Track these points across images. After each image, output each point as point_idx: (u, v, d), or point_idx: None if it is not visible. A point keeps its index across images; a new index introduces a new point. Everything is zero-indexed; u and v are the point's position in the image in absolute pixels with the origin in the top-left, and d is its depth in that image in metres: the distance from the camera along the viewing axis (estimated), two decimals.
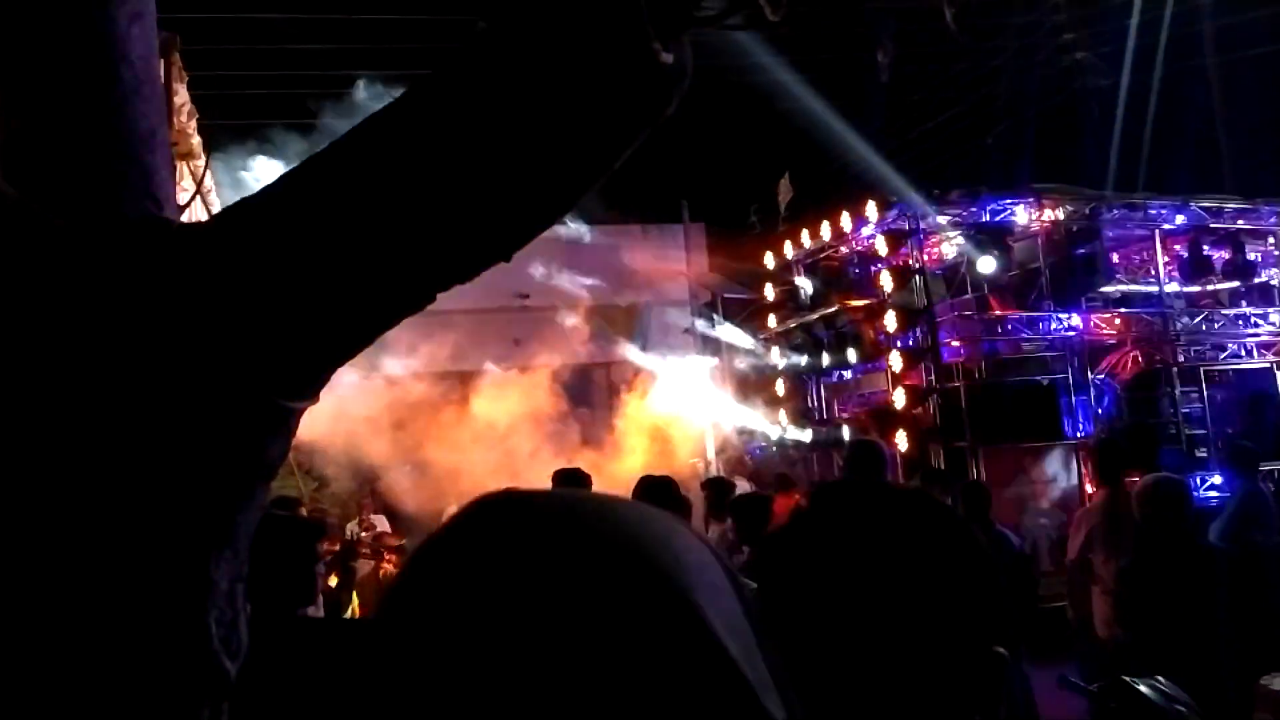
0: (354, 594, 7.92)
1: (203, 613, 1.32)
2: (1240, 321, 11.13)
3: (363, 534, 10.25)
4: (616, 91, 1.20)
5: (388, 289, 1.18)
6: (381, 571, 7.60)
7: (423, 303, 1.28)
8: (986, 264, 9.98)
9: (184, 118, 2.83)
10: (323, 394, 1.42)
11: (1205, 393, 10.44)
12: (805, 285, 11.91)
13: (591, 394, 15.07)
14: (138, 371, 1.21)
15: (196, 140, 3.02)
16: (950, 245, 11.00)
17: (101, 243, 1.27)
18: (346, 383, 11.60)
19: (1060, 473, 8.85)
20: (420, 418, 12.91)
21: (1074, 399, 9.86)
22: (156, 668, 1.28)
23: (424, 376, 12.68)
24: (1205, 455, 10.06)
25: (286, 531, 2.30)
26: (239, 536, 1.35)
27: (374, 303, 1.19)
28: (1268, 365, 10.79)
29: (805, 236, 11.52)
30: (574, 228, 12.49)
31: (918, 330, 10.02)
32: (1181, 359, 10.65)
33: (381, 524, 10.85)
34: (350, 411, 12.72)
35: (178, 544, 1.26)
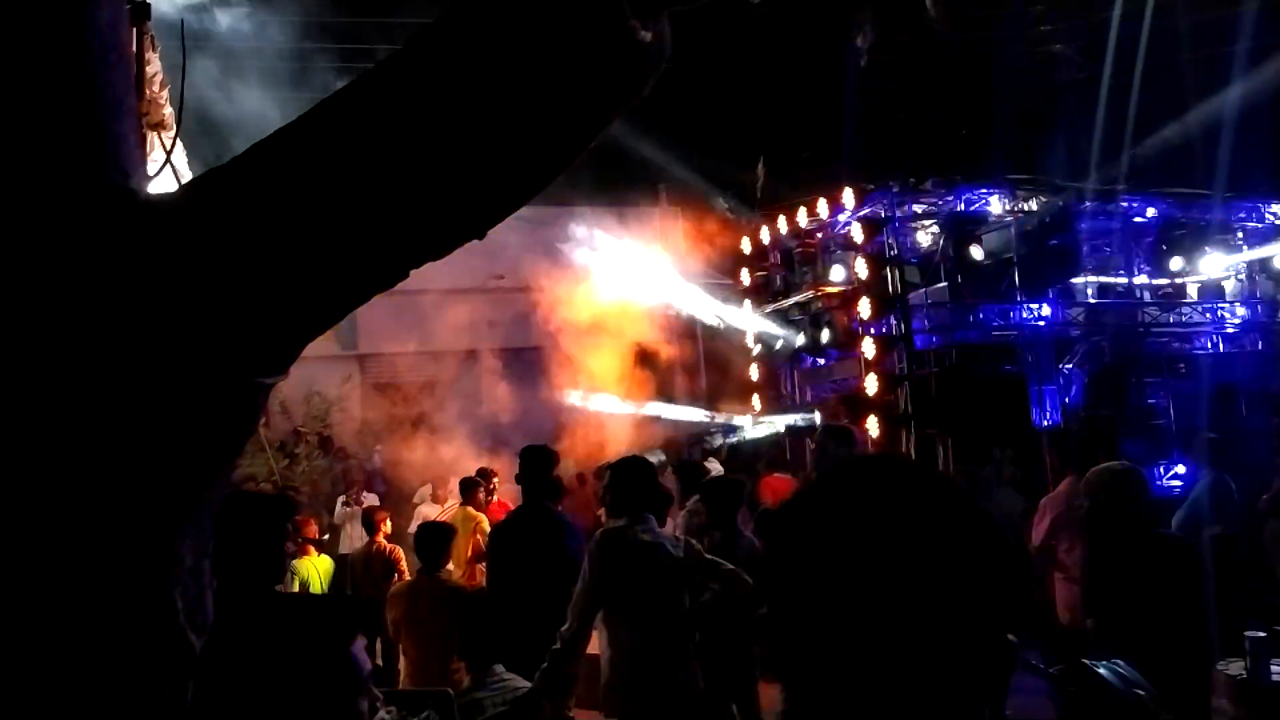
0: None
1: (168, 588, 1.30)
2: (1207, 314, 11.29)
3: (348, 508, 10.15)
4: (594, 69, 1.19)
5: (359, 263, 1.17)
6: (374, 547, 7.46)
7: (395, 278, 1.27)
8: (960, 253, 10.05)
9: (155, 87, 2.78)
10: (295, 371, 1.40)
11: (1171, 384, 10.59)
12: (781, 271, 11.94)
13: (566, 375, 15.05)
14: (99, 345, 1.19)
15: (169, 110, 2.97)
16: (925, 234, 11.06)
17: (63, 213, 1.24)
18: (320, 359, 11.53)
19: (1026, 460, 8.95)
20: (394, 396, 12.88)
21: (1042, 388, 9.97)
22: (122, 642, 1.27)
23: (398, 355, 12.64)
24: (1170, 445, 10.21)
25: (255, 508, 2.28)
26: (205, 512, 1.34)
27: (345, 277, 1.18)
28: (1232, 356, 10.97)
29: (782, 223, 11.54)
30: (550, 210, 12.42)
31: (891, 318, 10.08)
32: (1148, 350, 10.81)
33: (371, 500, 10.79)
34: (324, 390, 12.67)
35: (143, 519, 1.25)
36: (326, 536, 9.99)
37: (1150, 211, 11.01)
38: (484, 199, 1.28)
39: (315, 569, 7.34)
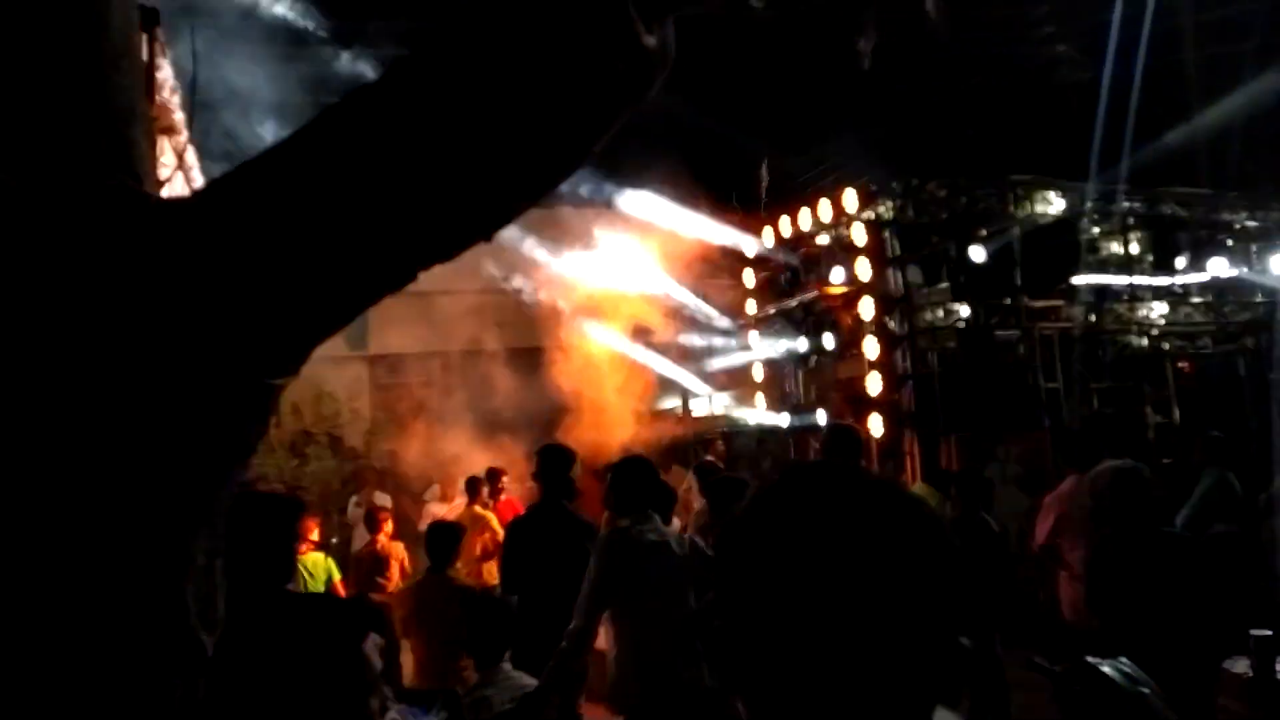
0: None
1: (180, 587, 1.32)
2: (1210, 312, 11.28)
3: (360, 509, 10.16)
4: (599, 72, 1.20)
5: (369, 266, 1.19)
6: (372, 546, 7.47)
7: (404, 280, 1.28)
8: (963, 253, 10.05)
9: (166, 92, 2.79)
10: (305, 371, 1.42)
11: (1174, 382, 10.59)
12: (784, 271, 11.96)
13: (575, 375, 15.07)
14: (114, 347, 1.20)
15: (179, 115, 2.99)
16: (928, 233, 11.05)
17: (75, 217, 1.26)
18: (330, 360, 11.55)
19: (1030, 459, 8.95)
20: (404, 397, 12.89)
21: (1046, 386, 9.97)
22: (134, 641, 1.28)
23: (408, 356, 12.64)
24: (1173, 443, 10.20)
25: (266, 508, 2.30)
26: (216, 512, 1.35)
27: (354, 279, 1.19)
28: (1234, 355, 10.95)
29: (785, 223, 11.55)
30: (555, 210, 12.44)
31: (894, 317, 10.09)
32: (1151, 348, 10.80)
33: (383, 500, 10.80)
34: (334, 390, 12.69)
35: (156, 519, 1.26)
36: (335, 539, 10.01)
37: (1152, 211, 11.00)
38: (492, 202, 1.30)
39: (303, 566, 7.36)
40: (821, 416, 10.54)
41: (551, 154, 1.27)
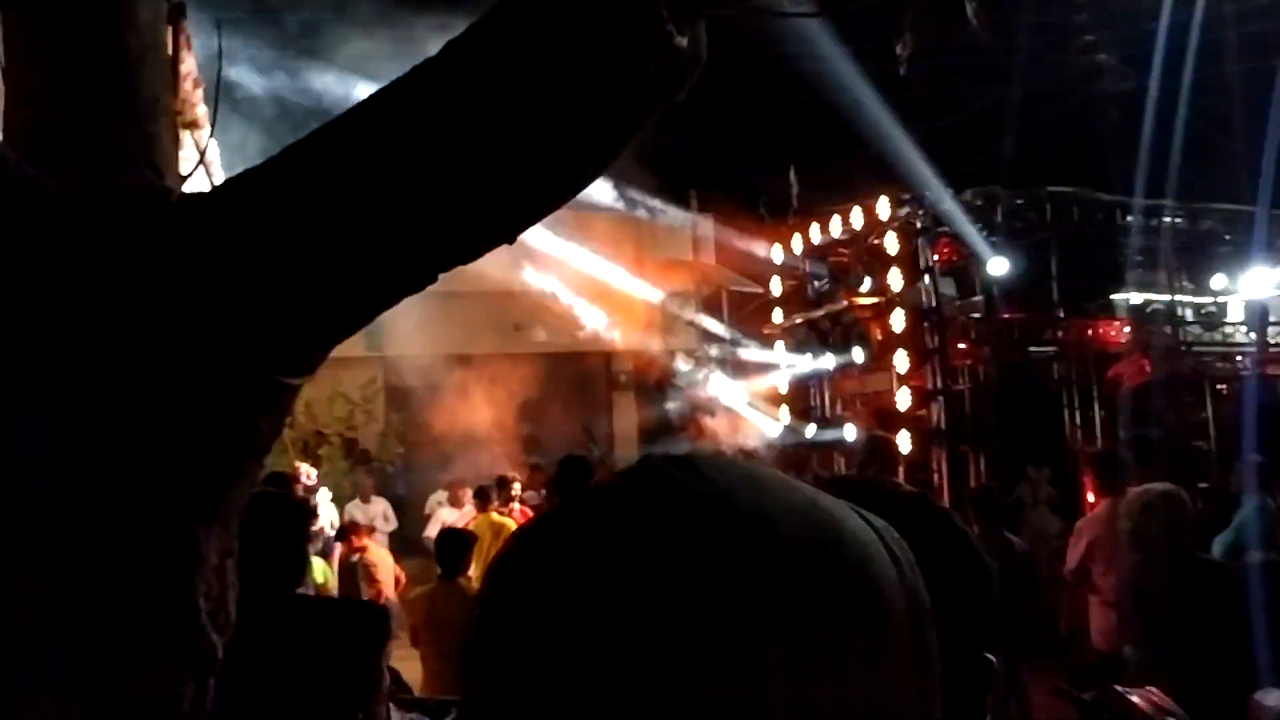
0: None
1: (192, 587, 1.30)
2: (1251, 333, 11.08)
3: (359, 514, 10.21)
4: (630, 72, 1.17)
5: (389, 266, 1.16)
6: (352, 557, 7.60)
7: (425, 282, 1.26)
8: (997, 266, 9.93)
9: (189, 86, 2.81)
10: (320, 372, 1.40)
11: (1212, 404, 10.40)
12: (813, 280, 11.88)
13: (590, 383, 15.07)
14: (131, 342, 1.18)
15: (202, 110, 3.00)
16: (962, 245, 10.94)
17: (98, 211, 1.24)
18: (345, 361, 11.59)
19: (1061, 480, 8.82)
20: (417, 400, 12.91)
21: (1079, 406, 9.82)
22: (145, 640, 1.26)
23: (423, 358, 12.63)
24: (1211, 468, 10.01)
25: (277, 510, 2.28)
26: (229, 512, 1.33)
27: (374, 280, 1.17)
28: (1277, 377, 10.74)
29: (815, 231, 11.47)
30: (581, 214, 12.46)
31: (925, 330, 9.98)
32: (1190, 369, 10.60)
33: (382, 504, 10.83)
34: (348, 391, 12.72)
35: (169, 517, 1.25)
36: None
37: (1193, 227, 10.82)
38: (519, 201, 1.27)
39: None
40: (849, 431, 10.44)
41: (581, 153, 1.25)
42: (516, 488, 8.89)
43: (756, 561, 0.49)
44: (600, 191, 12.47)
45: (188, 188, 1.47)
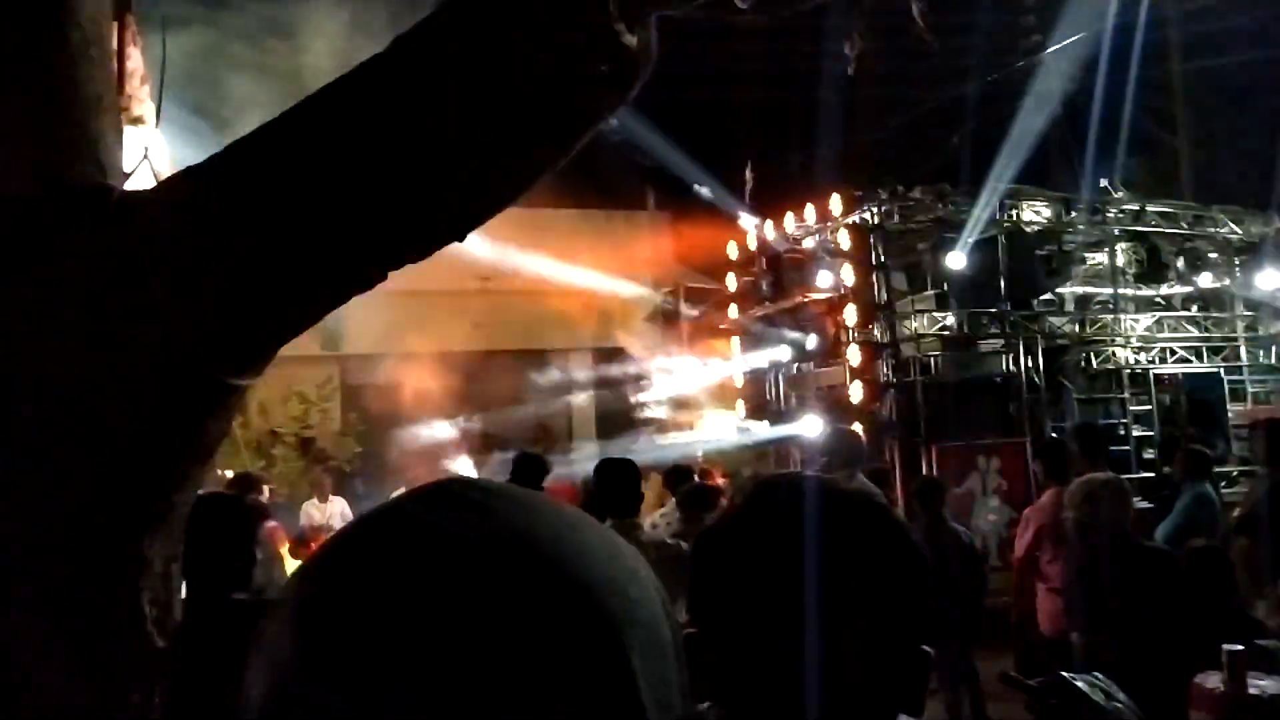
0: None
1: (137, 592, 1.28)
2: (1191, 325, 11.35)
3: (316, 514, 10.07)
4: (579, 70, 1.18)
5: (336, 265, 1.15)
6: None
7: (374, 280, 1.25)
8: (948, 261, 10.07)
9: (136, 82, 2.74)
10: (274, 371, 1.38)
11: (1154, 396, 10.64)
12: (768, 276, 11.95)
13: (550, 381, 15.02)
14: (71, 342, 1.16)
15: (149, 105, 2.94)
16: (913, 241, 11.09)
17: (38, 210, 1.22)
18: (301, 360, 11.43)
19: (1011, 471, 8.97)
20: (374, 398, 12.77)
21: (1027, 398, 10.00)
22: (89, 645, 1.24)
23: (380, 357, 12.50)
24: (1153, 457, 10.26)
25: (223, 513, 2.25)
26: (174, 516, 1.32)
27: (320, 279, 1.16)
28: (1216, 369, 11.02)
29: (769, 228, 11.55)
30: (538, 212, 12.40)
31: (877, 325, 10.09)
32: (1133, 361, 10.85)
33: (340, 503, 10.69)
34: (304, 390, 12.55)
35: (112, 521, 1.23)
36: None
37: (1136, 223, 11.06)
38: (468, 199, 1.27)
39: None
40: (805, 425, 10.52)
41: (531, 151, 1.24)
42: None
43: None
44: (557, 188, 12.43)
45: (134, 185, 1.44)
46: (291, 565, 6.51)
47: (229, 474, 7.33)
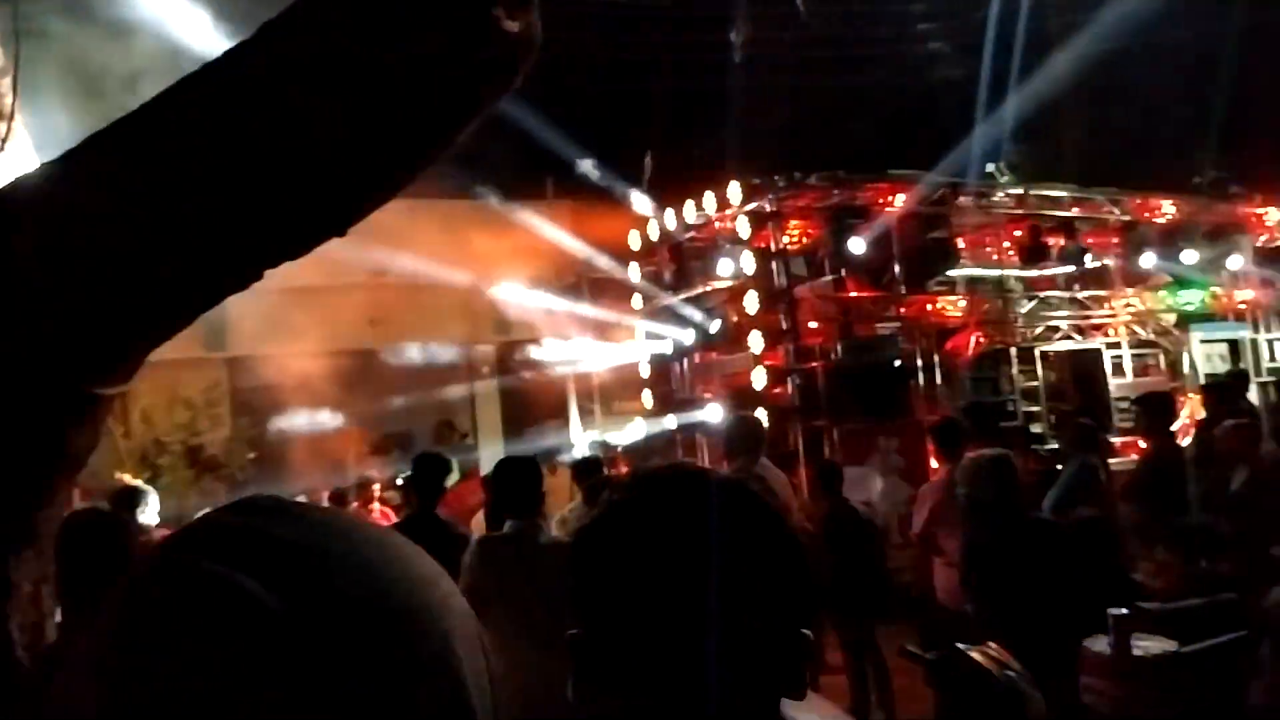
0: None
1: (4, 619, 1.21)
2: (1074, 304, 11.86)
3: None
4: (457, 59, 1.14)
5: (204, 264, 1.10)
6: None
7: (248, 279, 1.19)
8: (844, 246, 10.28)
9: None
10: (155, 376, 1.31)
11: (1041, 372, 11.08)
12: (670, 266, 12.02)
13: (451, 376, 14.81)
14: None
15: (9, 100, 2.77)
16: (811, 227, 11.29)
17: None
18: (184, 363, 10.97)
19: (909, 449, 9.23)
20: (267, 402, 12.34)
21: (922, 378, 10.30)
22: None
23: (271, 358, 12.07)
24: (1040, 431, 10.69)
25: (97, 530, 2.13)
26: (42, 535, 1.24)
27: (188, 280, 1.10)
28: (1097, 347, 11.54)
29: (670, 217, 11.60)
30: (433, 203, 12.17)
31: (778, 311, 10.25)
32: (1020, 340, 11.29)
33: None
34: (190, 396, 12.03)
35: None
36: None
37: (1021, 207, 11.48)
38: (344, 196, 1.22)
39: None
40: (711, 412, 10.63)
41: (409, 143, 1.21)
42: (376, 488, 8.65)
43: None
44: (455, 180, 12.23)
45: None
46: None
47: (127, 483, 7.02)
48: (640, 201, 12.87)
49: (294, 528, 0.47)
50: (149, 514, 5.36)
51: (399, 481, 10.04)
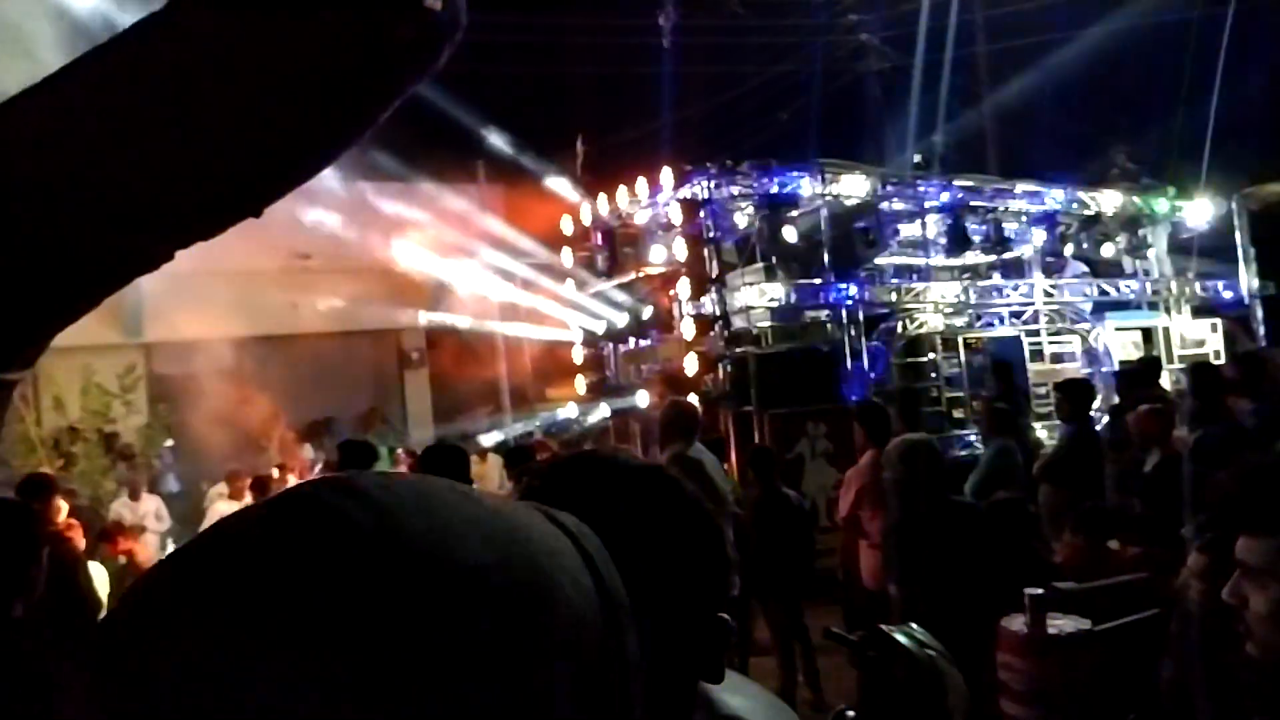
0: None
1: None
2: (995, 292, 12.16)
3: (127, 513, 9.41)
4: (377, 39, 1.12)
5: (107, 244, 1.06)
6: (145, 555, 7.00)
7: (157, 261, 1.15)
8: (775, 234, 10.37)
9: None
10: (69, 361, 1.26)
11: (964, 358, 11.35)
12: (603, 251, 11.99)
13: (379, 362, 14.59)
14: None
15: None
16: (742, 215, 11.36)
17: None
18: (99, 348, 10.62)
19: (837, 435, 9.36)
20: (185, 388, 11.99)
21: (850, 364, 10.46)
22: None
23: (189, 342, 11.71)
24: (963, 416, 10.95)
25: (1, 520, 2.03)
26: None
27: (90, 261, 1.06)
28: (1017, 333, 11.85)
29: (602, 202, 11.57)
30: (361, 185, 11.93)
31: (709, 298, 10.30)
32: (943, 327, 11.55)
33: (154, 502, 10.03)
34: (104, 382, 11.63)
35: None
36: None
37: (945, 196, 11.71)
38: (257, 176, 1.18)
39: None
40: (643, 399, 10.65)
41: (327, 124, 1.18)
42: (293, 478, 8.49)
43: (428, 596, 0.41)
44: (384, 161, 12.02)
45: None
46: (95, 567, 6.08)
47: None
48: (573, 187, 12.80)
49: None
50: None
51: (318, 470, 9.88)
